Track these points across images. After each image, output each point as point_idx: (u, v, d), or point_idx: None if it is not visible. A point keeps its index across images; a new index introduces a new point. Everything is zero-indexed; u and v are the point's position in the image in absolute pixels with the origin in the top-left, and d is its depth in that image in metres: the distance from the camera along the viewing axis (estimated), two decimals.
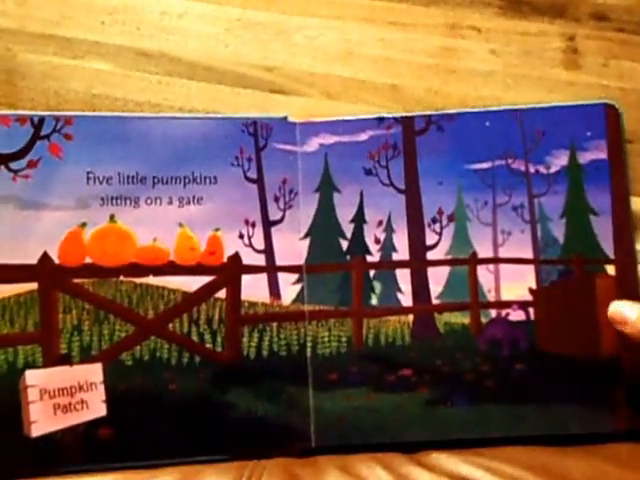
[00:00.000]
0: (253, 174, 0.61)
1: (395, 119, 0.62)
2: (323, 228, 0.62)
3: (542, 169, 0.61)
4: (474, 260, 0.61)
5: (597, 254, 0.60)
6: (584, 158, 0.60)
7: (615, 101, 0.62)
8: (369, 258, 0.61)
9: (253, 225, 0.60)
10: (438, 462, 0.56)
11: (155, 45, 0.74)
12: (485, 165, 0.61)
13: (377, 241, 0.61)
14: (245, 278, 0.60)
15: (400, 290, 0.61)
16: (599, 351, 0.58)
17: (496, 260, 0.61)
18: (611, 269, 0.60)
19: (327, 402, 0.59)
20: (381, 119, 0.62)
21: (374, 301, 0.61)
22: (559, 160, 0.61)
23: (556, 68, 0.75)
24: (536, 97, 0.72)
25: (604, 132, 0.60)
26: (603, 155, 0.60)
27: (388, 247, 0.61)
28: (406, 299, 0.61)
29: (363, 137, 0.61)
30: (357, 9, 0.75)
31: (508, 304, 0.60)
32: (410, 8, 0.75)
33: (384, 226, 0.61)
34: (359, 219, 0.61)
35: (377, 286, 0.61)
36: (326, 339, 0.60)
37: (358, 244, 0.61)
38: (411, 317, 0.60)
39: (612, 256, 0.60)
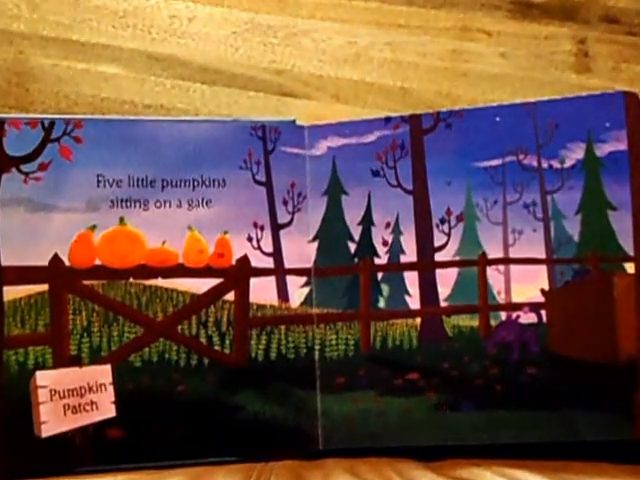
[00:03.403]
0: (262, 177, 0.61)
1: (402, 118, 0.61)
2: (331, 231, 0.61)
3: (556, 164, 0.59)
4: (483, 261, 0.60)
5: (615, 251, 0.57)
6: (602, 150, 0.58)
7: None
8: (377, 260, 0.61)
9: (262, 228, 0.60)
10: (448, 468, 0.55)
11: (165, 49, 0.75)
12: (495, 162, 0.59)
13: (385, 243, 0.61)
14: (253, 281, 0.60)
15: (408, 293, 0.60)
16: (617, 354, 0.56)
17: (506, 260, 0.59)
18: (630, 267, 0.56)
19: (335, 405, 0.59)
20: (388, 119, 0.61)
21: (382, 304, 0.61)
22: (574, 154, 0.58)
23: (566, 71, 0.75)
24: None
25: (624, 122, 0.57)
26: (623, 146, 0.57)
27: (396, 249, 0.61)
28: (414, 302, 0.60)
29: (371, 138, 0.61)
30: (366, 12, 0.75)
31: (519, 306, 0.59)
32: (419, 11, 0.75)
33: (392, 228, 0.61)
34: (367, 221, 0.61)
35: (385, 289, 0.61)
36: (334, 342, 0.60)
37: (366, 246, 0.61)
38: (419, 320, 0.60)
39: (631, 253, 0.56)
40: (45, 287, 0.57)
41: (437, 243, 0.60)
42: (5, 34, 0.74)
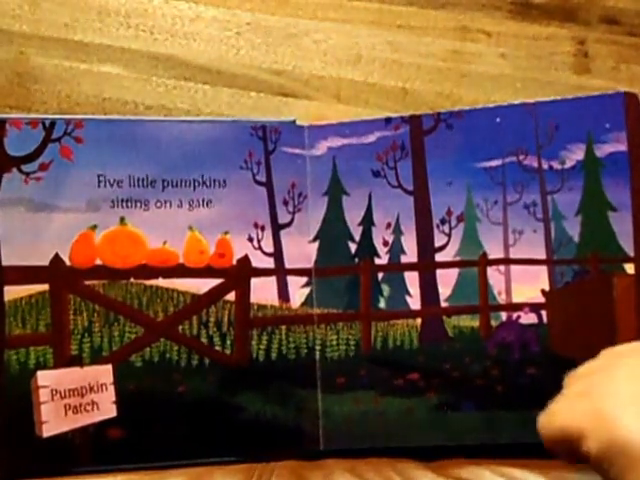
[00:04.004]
0: (262, 177, 0.61)
1: (403, 119, 0.61)
2: (332, 231, 0.62)
3: (556, 164, 0.59)
4: (484, 261, 0.60)
5: (615, 252, 0.57)
6: (602, 151, 0.58)
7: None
8: (377, 261, 0.61)
9: (262, 228, 0.60)
10: (448, 468, 0.55)
11: (166, 49, 0.75)
12: (495, 163, 0.60)
13: (385, 243, 0.61)
14: (254, 281, 0.60)
15: (409, 293, 0.60)
16: None
17: (507, 261, 0.59)
18: (630, 268, 0.57)
19: (335, 405, 0.59)
20: (389, 120, 0.61)
21: (382, 304, 0.61)
22: (575, 154, 0.58)
23: (566, 72, 0.75)
24: None
25: (624, 123, 0.57)
26: (623, 147, 0.57)
27: (396, 249, 0.61)
28: (414, 302, 0.60)
29: (371, 139, 0.61)
30: (366, 13, 0.75)
31: (519, 306, 0.59)
32: (420, 11, 0.75)
33: (392, 228, 0.61)
34: (367, 222, 0.61)
35: (385, 289, 0.61)
36: (334, 342, 0.60)
37: (366, 247, 0.61)
38: (419, 320, 0.60)
39: (631, 254, 0.57)
40: (46, 287, 0.57)
41: (438, 243, 0.61)
42: (6, 34, 0.74)
